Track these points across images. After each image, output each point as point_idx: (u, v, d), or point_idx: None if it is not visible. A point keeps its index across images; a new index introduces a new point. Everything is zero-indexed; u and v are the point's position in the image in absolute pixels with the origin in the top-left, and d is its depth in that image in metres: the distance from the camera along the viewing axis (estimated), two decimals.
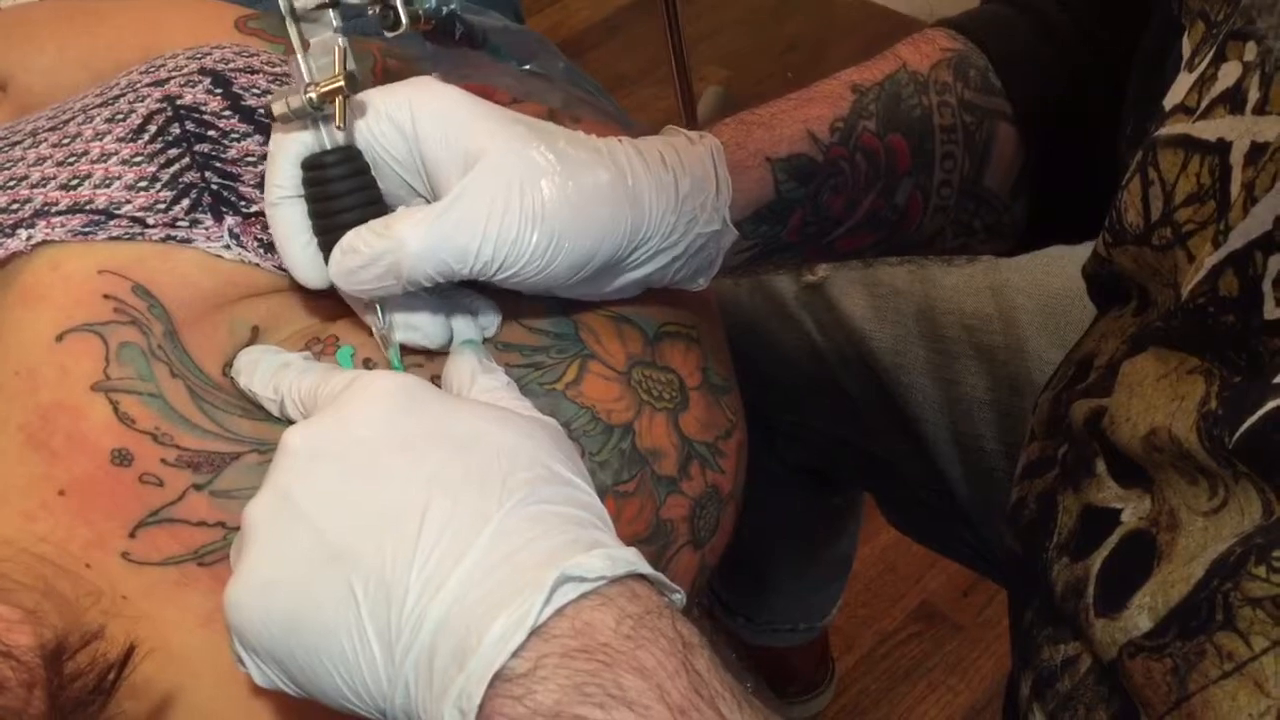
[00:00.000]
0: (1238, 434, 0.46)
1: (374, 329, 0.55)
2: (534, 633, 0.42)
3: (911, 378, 0.95)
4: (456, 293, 0.56)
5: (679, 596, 0.46)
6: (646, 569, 0.45)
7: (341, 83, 0.51)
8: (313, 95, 0.51)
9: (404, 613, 0.43)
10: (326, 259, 0.53)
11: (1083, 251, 0.75)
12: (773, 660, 1.41)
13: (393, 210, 0.54)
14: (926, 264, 0.93)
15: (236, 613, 0.46)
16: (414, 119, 0.52)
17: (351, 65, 0.52)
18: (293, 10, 0.52)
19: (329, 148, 0.53)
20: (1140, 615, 0.51)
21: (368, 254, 0.51)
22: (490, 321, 0.57)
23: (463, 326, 0.56)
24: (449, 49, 0.78)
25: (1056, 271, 0.90)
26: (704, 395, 0.61)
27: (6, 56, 0.68)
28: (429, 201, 0.55)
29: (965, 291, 0.93)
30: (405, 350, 0.56)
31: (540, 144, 0.52)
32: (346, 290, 0.53)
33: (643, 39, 2.24)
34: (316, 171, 0.53)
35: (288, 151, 0.53)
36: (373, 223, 0.52)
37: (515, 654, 0.41)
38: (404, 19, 0.56)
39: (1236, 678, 0.47)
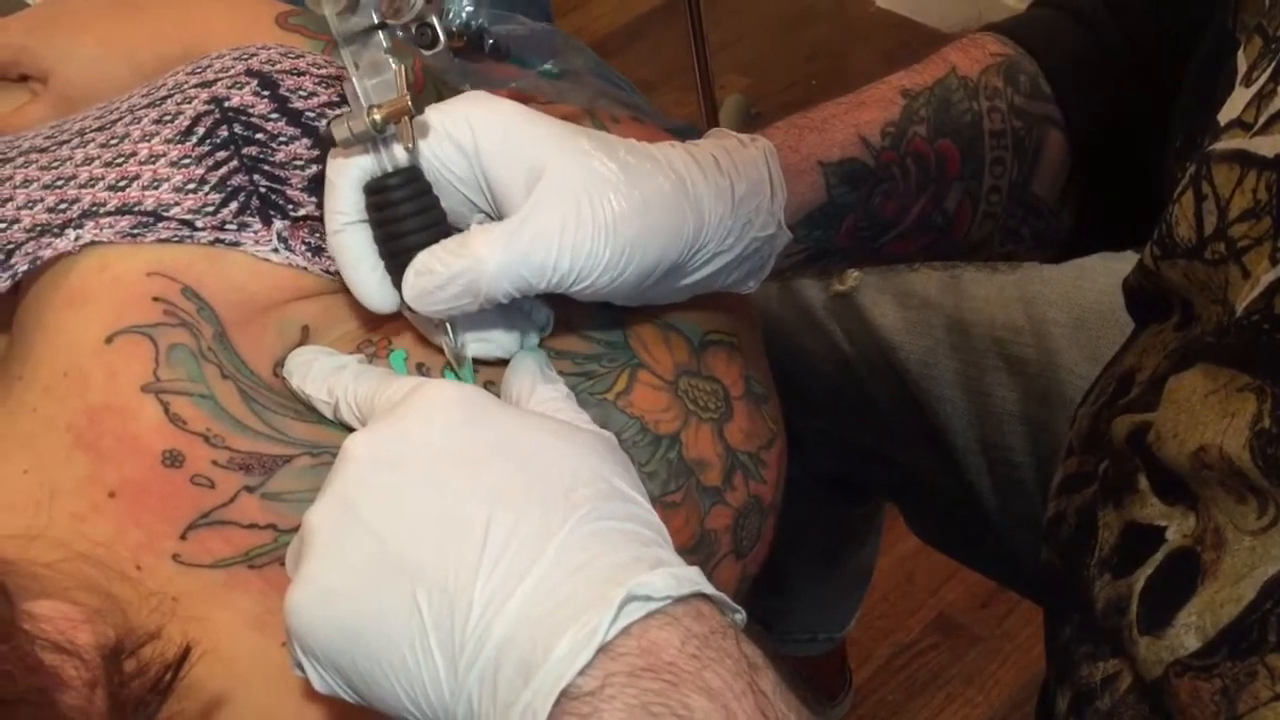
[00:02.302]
0: None
1: (445, 348, 0.55)
2: (601, 650, 0.41)
3: (941, 389, 0.95)
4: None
5: (740, 616, 0.46)
6: (710, 589, 0.45)
7: (407, 102, 0.51)
8: (376, 117, 0.51)
9: (468, 626, 0.43)
10: (395, 282, 0.53)
11: (1115, 264, 0.75)
12: (791, 669, 1.40)
13: (456, 229, 0.54)
14: (960, 273, 0.93)
15: (297, 619, 0.46)
16: (474, 135, 0.52)
17: (410, 81, 0.52)
18: (342, 35, 0.51)
19: (390, 170, 0.52)
20: (1187, 635, 0.51)
21: (444, 274, 0.51)
22: (544, 321, 0.57)
23: (529, 334, 0.56)
24: (478, 62, 0.78)
25: (1089, 285, 0.90)
26: (747, 405, 0.61)
27: (48, 49, 0.68)
28: (491, 218, 0.54)
29: (996, 303, 0.93)
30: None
31: (602, 155, 0.52)
32: (421, 311, 0.53)
33: (665, 45, 2.24)
34: (380, 195, 0.52)
35: (348, 176, 0.53)
36: (446, 242, 0.52)
37: (582, 672, 0.41)
38: (441, 37, 0.56)
39: None
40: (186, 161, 0.56)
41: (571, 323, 0.58)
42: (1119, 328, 0.72)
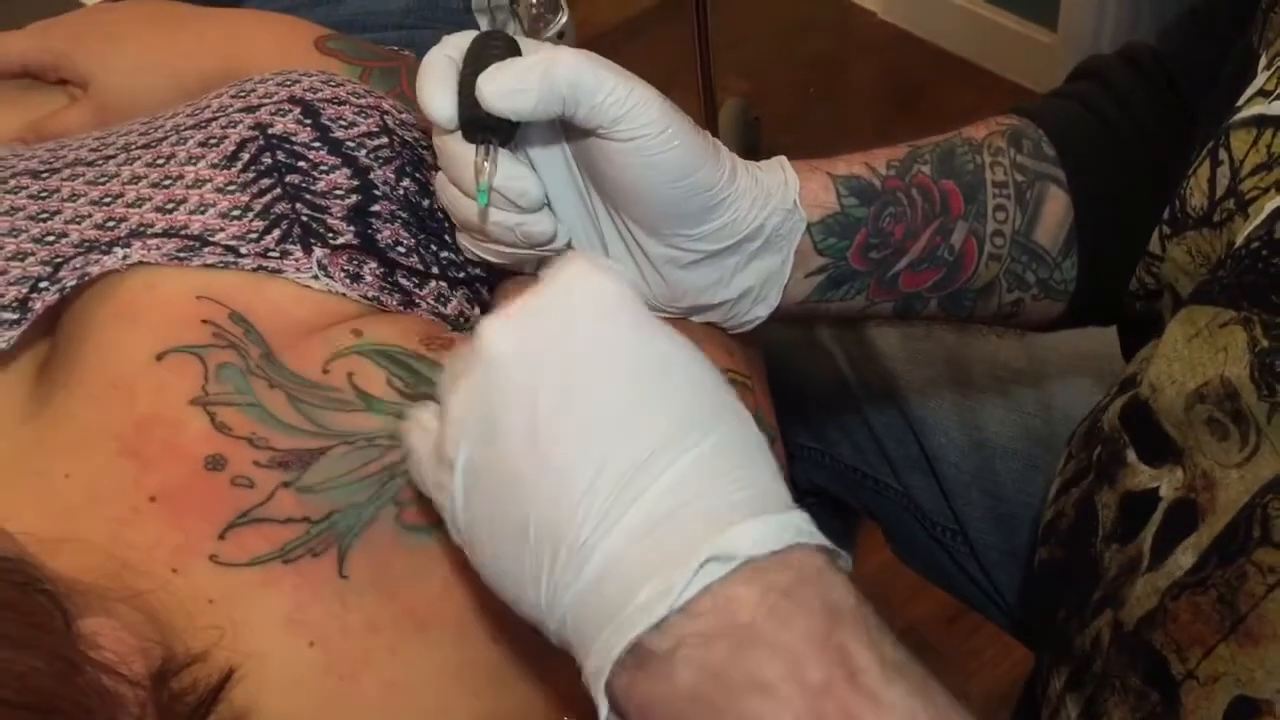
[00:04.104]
0: None
1: (474, 174, 0.56)
2: (680, 610, 0.42)
3: (937, 418, 0.96)
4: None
5: (844, 560, 0.46)
6: (810, 537, 0.45)
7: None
8: None
9: (573, 549, 0.44)
10: (461, 109, 0.56)
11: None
12: None
13: None
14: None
15: (461, 494, 0.47)
16: (572, 81, 0.56)
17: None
18: None
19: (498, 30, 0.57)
20: (1184, 554, 0.53)
21: (522, 63, 0.55)
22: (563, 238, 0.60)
23: (549, 217, 0.59)
24: None
25: (1089, 332, 0.92)
26: None
27: (89, 56, 0.69)
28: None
29: (998, 341, 0.95)
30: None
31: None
32: (491, 102, 0.55)
33: (666, 44, 2.25)
34: (481, 44, 0.56)
35: (467, 35, 0.58)
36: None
37: (659, 627, 0.42)
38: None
39: None
40: (232, 188, 0.57)
41: None
42: (1115, 376, 0.74)
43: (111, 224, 0.56)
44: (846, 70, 2.30)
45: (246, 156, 0.57)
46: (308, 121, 0.59)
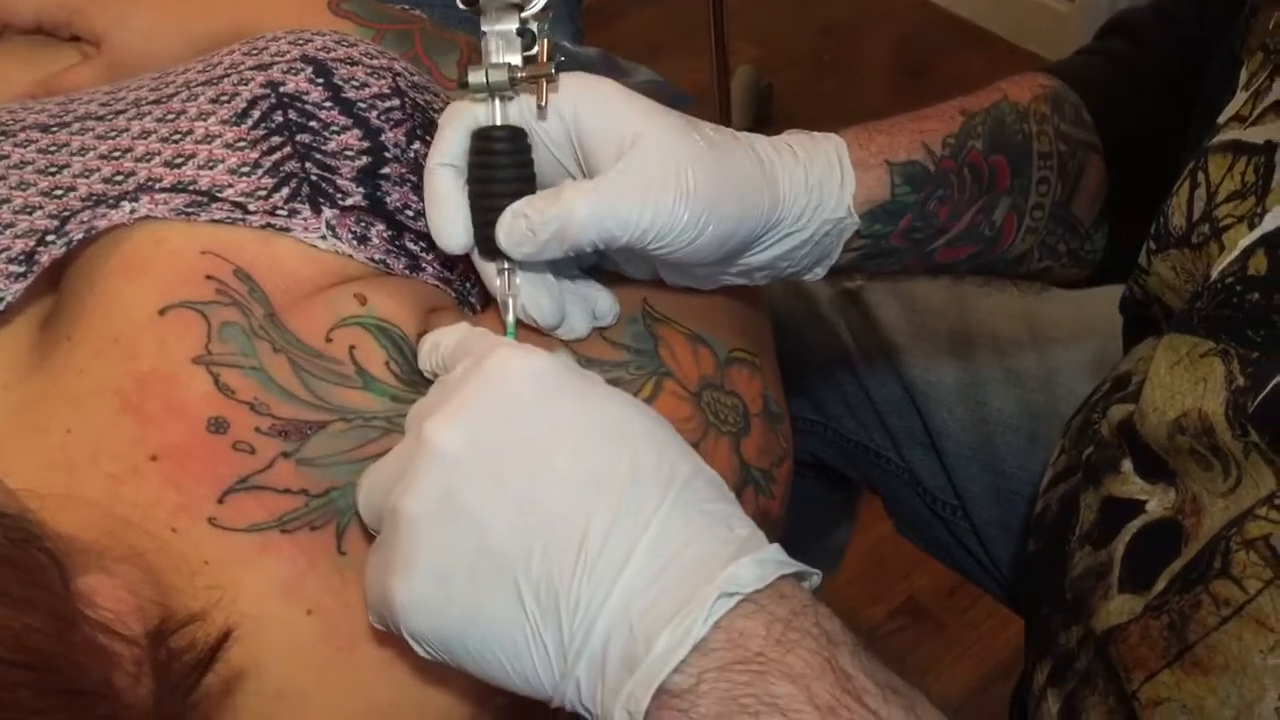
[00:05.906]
0: (1255, 402, 0.50)
1: (498, 296, 0.58)
2: (695, 649, 0.44)
3: (939, 393, 0.96)
4: (580, 282, 0.60)
5: (816, 578, 0.49)
6: (790, 565, 0.47)
7: (552, 70, 0.55)
8: (518, 75, 0.55)
9: (575, 618, 0.46)
10: (474, 226, 0.57)
11: (1116, 291, 0.78)
12: None
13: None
14: (967, 287, 0.95)
15: (406, 612, 0.48)
16: (575, 106, 0.56)
17: (560, 57, 0.56)
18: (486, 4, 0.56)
19: (500, 124, 0.56)
20: (1162, 581, 0.54)
21: (538, 219, 0.55)
22: (606, 311, 0.60)
23: (576, 317, 0.59)
24: None
25: (1091, 309, 0.92)
26: (763, 422, 0.63)
27: (104, 14, 0.68)
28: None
29: (1000, 316, 0.95)
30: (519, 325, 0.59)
31: (690, 130, 0.56)
32: (513, 254, 0.56)
33: (678, 8, 2.23)
34: (486, 143, 0.56)
35: (462, 120, 0.57)
36: (542, 193, 0.56)
37: (678, 669, 0.44)
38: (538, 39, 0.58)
39: (1237, 620, 0.50)
40: (242, 144, 0.57)
41: (603, 329, 0.60)
42: (1117, 352, 0.75)
43: (120, 178, 0.55)
44: (860, 38, 2.29)
45: (257, 114, 0.57)
46: (319, 81, 0.59)
